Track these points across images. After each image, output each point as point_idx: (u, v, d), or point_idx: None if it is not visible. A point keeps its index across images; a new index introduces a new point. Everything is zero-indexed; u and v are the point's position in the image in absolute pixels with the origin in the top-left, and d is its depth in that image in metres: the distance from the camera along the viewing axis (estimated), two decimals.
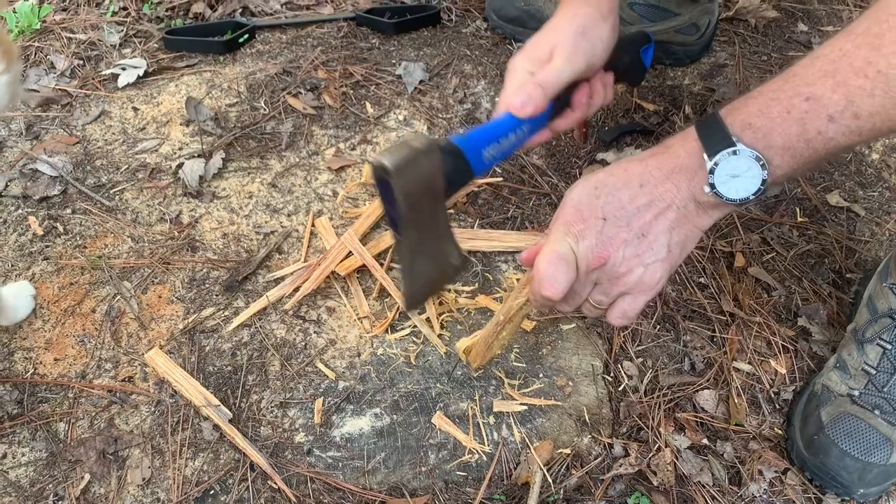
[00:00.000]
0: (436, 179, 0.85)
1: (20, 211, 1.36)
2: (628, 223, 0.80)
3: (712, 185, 0.77)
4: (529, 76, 0.93)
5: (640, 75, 1.14)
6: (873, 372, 1.12)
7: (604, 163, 1.49)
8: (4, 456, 1.09)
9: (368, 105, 1.57)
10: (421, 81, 1.62)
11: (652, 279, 0.81)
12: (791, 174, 0.78)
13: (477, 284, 1.29)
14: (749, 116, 0.76)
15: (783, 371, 1.24)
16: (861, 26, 0.73)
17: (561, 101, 0.98)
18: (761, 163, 0.75)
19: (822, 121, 0.72)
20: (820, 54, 0.74)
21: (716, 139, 0.76)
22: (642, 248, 0.80)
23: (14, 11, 1.70)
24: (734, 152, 0.75)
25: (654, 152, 0.82)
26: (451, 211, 1.39)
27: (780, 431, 1.19)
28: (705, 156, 0.76)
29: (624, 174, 0.82)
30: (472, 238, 1.32)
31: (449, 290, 1.27)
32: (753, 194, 0.77)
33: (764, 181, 0.76)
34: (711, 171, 0.76)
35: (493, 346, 1.06)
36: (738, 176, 0.76)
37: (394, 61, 1.67)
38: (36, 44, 1.66)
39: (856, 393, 1.13)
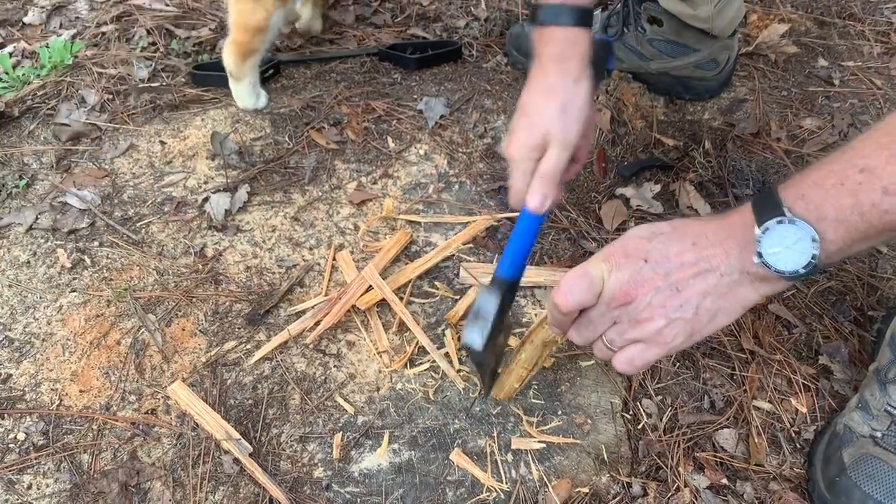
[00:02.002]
0: (504, 318, 1.01)
1: (49, 243, 1.40)
2: (667, 273, 0.79)
3: (760, 255, 0.75)
4: (532, 167, 1.01)
5: (603, 79, 1.21)
6: None
7: (623, 198, 1.50)
8: (30, 487, 1.10)
9: (390, 139, 1.60)
10: (442, 116, 1.64)
11: (669, 335, 0.80)
12: (846, 250, 0.74)
13: None
14: (803, 188, 0.74)
15: (804, 410, 1.23)
16: None
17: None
18: (812, 235, 0.73)
19: (877, 193, 0.70)
20: (878, 127, 0.73)
21: (768, 209, 0.75)
22: (671, 301, 0.79)
23: (47, 47, 1.75)
24: (783, 221, 0.73)
25: (716, 217, 0.82)
26: (471, 245, 1.40)
27: (801, 472, 1.17)
28: (756, 225, 0.75)
29: (682, 228, 0.81)
30: (490, 273, 1.33)
31: None
32: (804, 268, 0.74)
33: (815, 255, 0.73)
34: (759, 240, 0.75)
35: (513, 377, 1.10)
36: (788, 247, 0.73)
37: (415, 96, 1.69)
38: (68, 79, 1.70)
39: (878, 434, 1.11)
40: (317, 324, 1.27)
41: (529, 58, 1.07)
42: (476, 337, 0.95)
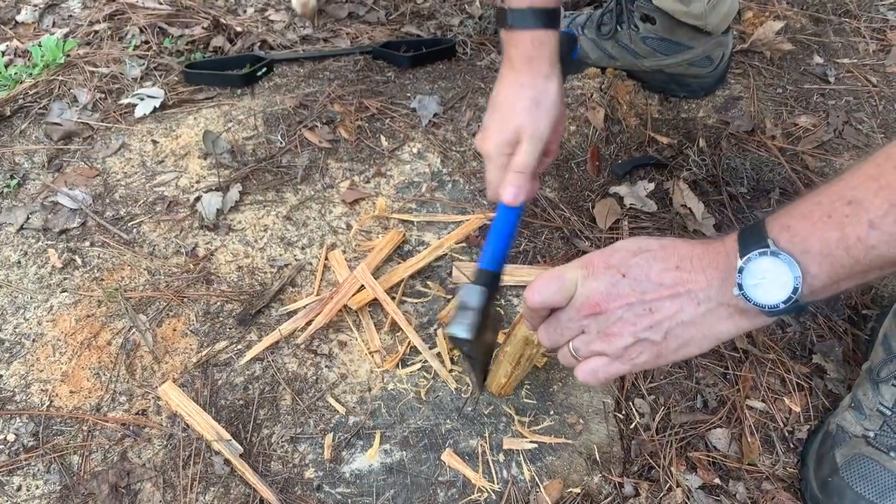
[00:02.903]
0: (489, 310, 1.00)
1: (40, 243, 1.39)
2: (643, 291, 0.77)
3: (740, 286, 0.72)
4: (506, 161, 1.04)
5: (572, 71, 1.26)
6: (888, 413, 1.11)
7: (616, 196, 1.49)
8: (19, 488, 1.10)
9: (383, 138, 1.59)
10: (435, 114, 1.63)
11: (634, 354, 0.79)
12: (832, 287, 0.71)
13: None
14: (789, 219, 0.71)
15: (797, 409, 1.23)
16: None
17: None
18: (794, 268, 0.69)
19: (863, 226, 0.66)
20: (869, 159, 0.69)
21: (752, 240, 0.72)
22: (642, 321, 0.77)
23: (40, 45, 1.75)
24: (765, 253, 0.70)
25: (704, 242, 0.79)
26: (464, 244, 1.40)
27: (793, 471, 1.17)
28: (738, 255, 0.73)
29: (671, 249, 0.79)
30: None
31: None
32: (784, 302, 0.70)
33: (796, 289, 0.69)
34: (741, 271, 0.72)
35: (500, 371, 1.11)
36: (769, 280, 0.70)
37: (409, 94, 1.69)
38: (60, 77, 1.70)
39: (871, 434, 1.11)
40: (308, 324, 1.27)
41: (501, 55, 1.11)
42: (462, 327, 0.95)
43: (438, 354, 1.23)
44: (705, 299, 0.75)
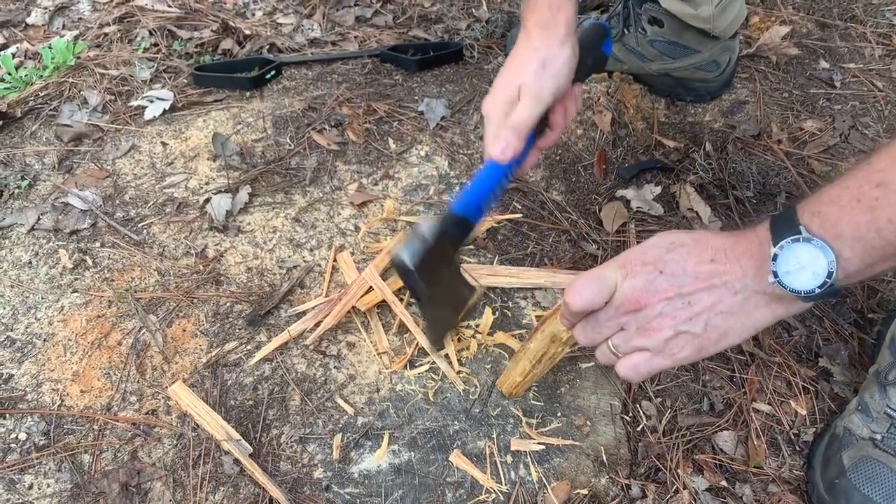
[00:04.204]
0: (446, 252, 0.97)
1: (51, 244, 1.40)
2: (680, 286, 0.78)
3: (775, 274, 0.74)
4: (504, 119, 1.01)
5: (603, 65, 1.23)
6: None
7: (623, 199, 1.50)
8: (31, 487, 1.11)
9: (391, 141, 1.60)
10: (443, 117, 1.64)
11: (676, 346, 0.80)
12: (866, 271, 0.72)
13: (497, 315, 1.30)
14: (819, 205, 0.73)
15: (804, 412, 1.23)
16: None
17: (540, 126, 1.05)
18: (828, 253, 0.71)
19: (893, 208, 0.67)
20: (894, 140, 0.71)
21: (784, 227, 0.74)
22: (681, 314, 0.78)
23: (50, 48, 1.76)
24: (798, 240, 0.72)
25: (736, 233, 0.80)
26: (472, 247, 1.40)
27: (800, 474, 1.18)
28: (771, 244, 0.74)
29: (704, 242, 0.80)
30: (491, 274, 1.34)
31: (467, 326, 1.28)
32: (819, 287, 0.72)
33: (831, 273, 0.71)
34: (774, 258, 0.73)
35: (517, 368, 1.12)
36: (804, 267, 0.72)
37: (416, 98, 1.70)
38: (70, 80, 1.71)
39: (878, 437, 1.12)
40: (317, 325, 1.27)
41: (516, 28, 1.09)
42: (405, 253, 0.92)
43: (446, 356, 1.24)
44: (742, 289, 0.77)
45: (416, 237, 0.93)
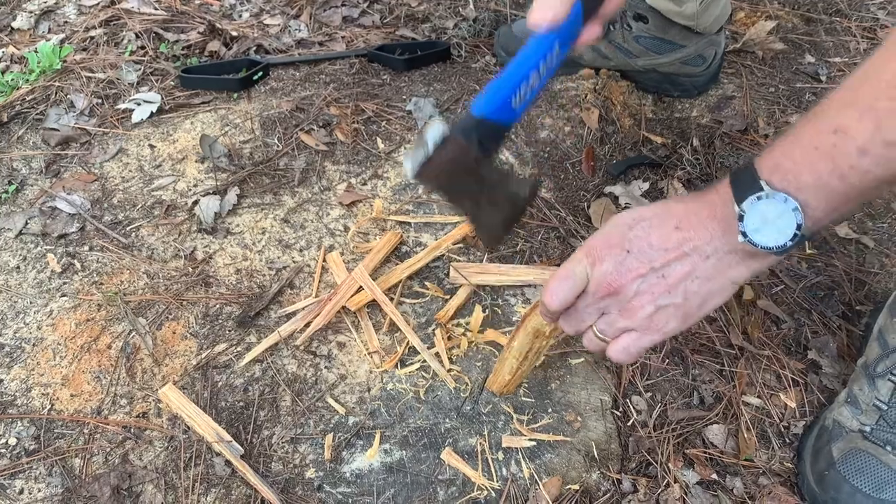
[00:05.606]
0: (464, 160, 0.85)
1: (39, 248, 1.40)
2: (650, 260, 0.78)
3: (744, 234, 0.73)
4: None
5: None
6: (885, 408, 1.12)
7: (612, 196, 1.50)
8: (21, 492, 1.10)
9: (379, 140, 1.60)
10: (431, 117, 1.64)
11: (660, 321, 0.80)
12: (833, 215, 0.72)
13: (487, 313, 1.30)
14: (777, 158, 0.72)
15: (793, 405, 1.24)
16: (878, 54, 0.68)
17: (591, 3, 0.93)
18: (793, 206, 0.70)
19: (853, 155, 0.66)
20: (840, 87, 0.70)
21: (745, 185, 0.73)
22: (658, 288, 0.79)
23: (36, 52, 1.75)
24: (762, 196, 0.71)
25: (697, 196, 0.79)
26: (461, 245, 1.40)
27: (790, 466, 1.18)
28: (734, 203, 0.73)
29: (665, 213, 0.80)
30: (480, 272, 1.34)
31: (457, 325, 1.28)
32: (791, 240, 0.72)
33: (799, 225, 0.71)
34: (741, 219, 0.73)
35: (506, 367, 1.12)
36: (771, 222, 0.71)
37: (404, 97, 1.70)
38: (56, 83, 1.70)
39: (867, 429, 1.12)
40: (307, 325, 1.27)
41: None
42: (407, 161, 0.85)
43: (437, 354, 1.24)
44: (713, 252, 0.76)
45: (419, 145, 0.84)
